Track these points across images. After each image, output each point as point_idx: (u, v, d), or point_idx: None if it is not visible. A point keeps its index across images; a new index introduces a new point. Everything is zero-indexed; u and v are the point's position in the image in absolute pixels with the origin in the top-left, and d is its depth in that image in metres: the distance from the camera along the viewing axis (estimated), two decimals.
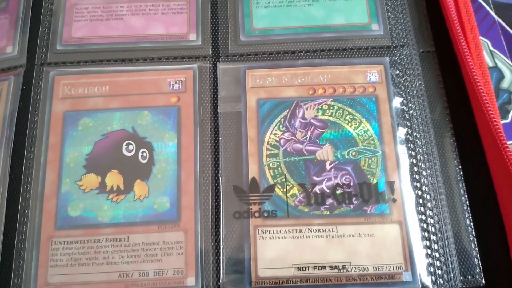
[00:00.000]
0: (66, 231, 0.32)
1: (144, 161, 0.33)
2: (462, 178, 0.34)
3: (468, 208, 0.33)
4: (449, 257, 0.32)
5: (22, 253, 0.32)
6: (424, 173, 0.33)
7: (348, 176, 0.33)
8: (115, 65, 0.36)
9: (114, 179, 0.33)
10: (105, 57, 0.36)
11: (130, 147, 0.34)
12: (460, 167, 0.34)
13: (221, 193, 0.32)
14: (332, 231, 0.31)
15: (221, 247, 0.31)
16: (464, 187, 0.34)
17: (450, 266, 0.31)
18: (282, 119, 0.34)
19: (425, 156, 0.34)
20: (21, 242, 0.32)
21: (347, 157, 0.33)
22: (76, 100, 0.35)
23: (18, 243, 0.32)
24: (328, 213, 0.32)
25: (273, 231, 0.31)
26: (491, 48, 0.43)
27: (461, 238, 0.33)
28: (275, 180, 0.33)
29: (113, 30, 0.37)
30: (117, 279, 0.31)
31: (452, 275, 0.31)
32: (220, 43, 0.37)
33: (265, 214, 0.32)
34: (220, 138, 0.34)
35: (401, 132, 0.34)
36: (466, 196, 0.33)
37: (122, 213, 0.32)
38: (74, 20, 0.37)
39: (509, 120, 0.40)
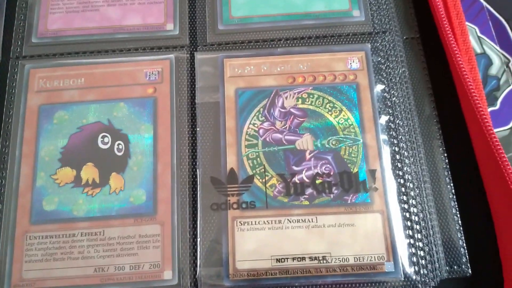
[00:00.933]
0: (41, 226, 0.31)
1: (120, 154, 0.33)
2: (448, 166, 0.33)
3: (454, 197, 0.32)
4: (434, 246, 0.31)
5: None
6: (407, 161, 0.32)
7: (328, 165, 0.32)
8: (91, 57, 0.35)
9: (89, 172, 0.32)
10: (81, 49, 0.36)
11: (106, 139, 0.33)
12: (445, 155, 0.33)
13: (198, 185, 0.32)
14: (312, 221, 0.30)
15: (199, 239, 0.30)
16: (450, 175, 0.33)
17: (436, 256, 0.30)
18: (261, 109, 0.33)
19: (408, 144, 0.33)
20: None
21: (327, 146, 0.32)
22: (52, 93, 0.34)
23: None
24: (308, 203, 0.31)
25: (251, 222, 0.31)
26: (479, 34, 0.42)
27: (447, 227, 0.32)
28: (254, 171, 0.32)
29: (89, 22, 0.36)
30: (93, 273, 0.30)
31: (437, 265, 0.30)
32: (198, 32, 0.36)
33: (244, 206, 0.31)
34: (198, 129, 0.33)
35: (383, 119, 0.33)
36: (451, 184, 0.33)
37: (98, 206, 0.32)
38: (50, 13, 0.37)
39: (497, 107, 0.39)
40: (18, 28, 0.37)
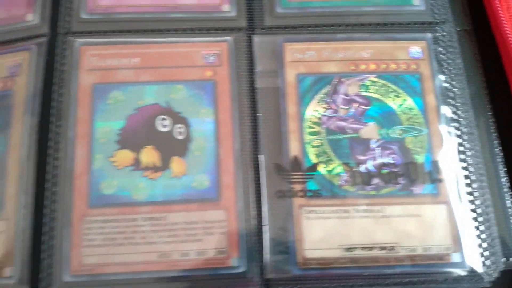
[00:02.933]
0: (100, 210, 0.30)
1: (181, 137, 0.32)
2: (503, 160, 0.33)
3: (509, 190, 0.33)
4: (493, 238, 0.31)
5: (53, 233, 0.30)
6: (469, 153, 0.32)
7: (393, 155, 0.32)
8: (145, 36, 0.34)
9: (149, 155, 0.31)
10: (134, 27, 0.34)
11: (165, 122, 0.32)
12: (500, 148, 0.34)
13: (262, 172, 0.31)
14: (379, 211, 0.30)
15: (265, 226, 0.30)
16: (505, 169, 0.33)
17: (495, 248, 0.31)
18: (323, 95, 0.33)
19: (469, 136, 0.33)
20: (51, 221, 0.30)
21: (392, 135, 0.32)
22: (105, 71, 0.33)
23: (49, 222, 0.30)
24: (375, 192, 0.31)
25: (318, 211, 0.30)
26: None
27: (503, 219, 0.32)
28: (319, 159, 0.31)
29: (142, 0, 0.35)
30: (156, 259, 0.29)
31: (495, 257, 0.31)
32: (255, 15, 0.35)
33: (309, 194, 0.31)
34: (259, 114, 0.32)
35: (446, 110, 0.33)
36: (507, 177, 0.33)
37: (159, 191, 0.31)
38: None
39: None
40: (66, 3, 0.35)
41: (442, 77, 0.34)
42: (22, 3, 0.35)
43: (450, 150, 0.32)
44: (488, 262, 0.30)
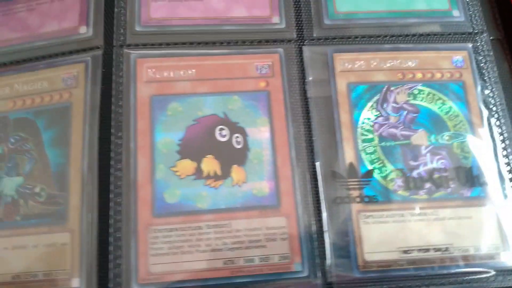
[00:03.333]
0: (165, 219, 0.31)
1: (239, 146, 0.33)
2: None
3: None
4: None
5: (119, 243, 0.30)
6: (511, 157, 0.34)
7: (443, 160, 0.33)
8: (199, 48, 0.35)
9: (210, 164, 0.32)
10: (188, 39, 0.35)
11: (224, 132, 0.33)
12: None
13: (319, 178, 0.32)
14: (432, 214, 0.32)
15: (325, 232, 0.31)
16: None
17: None
18: (374, 104, 0.34)
19: (510, 142, 0.35)
20: (117, 231, 0.31)
21: (440, 141, 0.33)
22: (162, 83, 0.34)
23: (114, 232, 0.31)
24: (427, 197, 0.32)
25: (375, 215, 0.31)
26: None
27: None
28: (373, 165, 0.33)
29: (194, 12, 0.35)
30: (222, 266, 0.30)
31: None
32: (304, 26, 0.36)
33: (366, 199, 0.32)
34: (313, 123, 0.33)
35: (489, 117, 0.34)
36: None
37: (222, 199, 0.31)
38: (152, 1, 0.35)
39: None
40: (119, 15, 0.35)
41: (483, 85, 0.35)
42: (75, 16, 0.35)
43: (496, 155, 0.33)
44: None
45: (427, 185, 0.32)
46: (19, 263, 0.31)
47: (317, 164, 0.32)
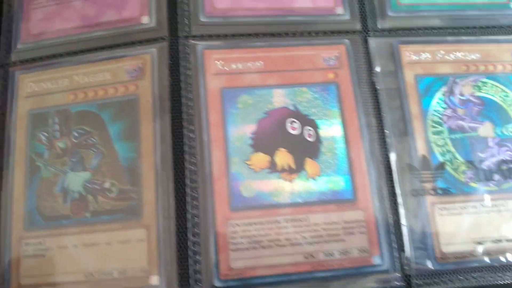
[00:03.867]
0: (243, 213, 0.30)
1: (311, 139, 0.32)
2: None
3: None
4: None
5: (197, 238, 0.30)
6: None
7: (510, 152, 0.33)
8: (265, 40, 0.34)
9: (284, 158, 0.32)
10: (254, 30, 0.34)
11: (295, 125, 0.32)
12: None
13: (393, 171, 0.32)
14: (502, 205, 0.32)
15: (403, 224, 0.31)
16: None
17: None
18: (441, 96, 0.34)
19: None
20: (195, 227, 0.30)
21: (506, 133, 0.34)
22: (231, 76, 0.33)
23: (193, 227, 0.30)
24: (496, 188, 0.32)
25: (450, 207, 0.32)
26: None
27: None
28: (444, 158, 0.33)
29: (259, 2, 0.35)
30: (303, 260, 0.30)
31: None
32: (368, 17, 0.36)
33: (440, 192, 0.32)
34: (384, 114, 0.33)
35: None
36: None
37: (298, 192, 0.31)
38: None
39: None
40: (182, 5, 0.34)
41: None
42: (135, 6, 0.34)
43: None
44: None
45: (496, 176, 0.33)
46: (91, 261, 0.30)
47: (392, 156, 0.32)
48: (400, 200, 0.32)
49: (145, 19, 0.34)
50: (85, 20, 0.34)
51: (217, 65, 0.33)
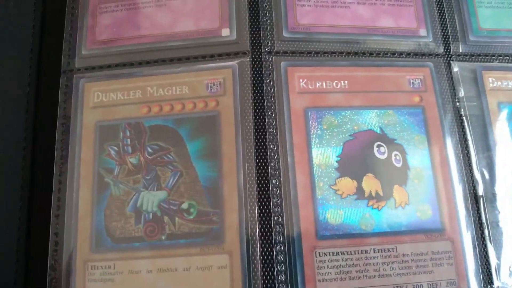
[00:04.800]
0: (330, 241, 0.29)
1: (399, 165, 0.31)
2: None
3: None
4: None
5: (283, 267, 0.28)
6: None
7: None
8: (349, 58, 0.33)
9: (371, 183, 0.30)
10: (337, 48, 0.33)
11: (382, 149, 0.31)
12: None
13: (480, 200, 0.31)
14: None
15: (490, 255, 0.30)
16: None
17: None
18: None
19: None
20: (280, 255, 0.28)
21: None
22: (316, 95, 0.31)
23: (277, 255, 0.28)
24: None
25: None
26: None
27: None
28: None
29: (341, 19, 0.33)
30: None
31: None
32: (451, 41, 0.35)
33: None
34: (469, 142, 0.32)
35: None
36: None
37: (386, 221, 0.30)
38: (297, 5, 0.33)
39: None
40: (264, 18, 0.33)
41: None
42: (214, 16, 0.32)
43: None
44: None
45: None
46: (168, 287, 0.28)
47: (479, 185, 0.31)
48: (486, 231, 0.31)
49: (225, 32, 0.32)
50: (159, 28, 0.33)
51: (301, 84, 0.32)
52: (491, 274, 0.30)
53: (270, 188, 0.29)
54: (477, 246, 0.30)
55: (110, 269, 0.29)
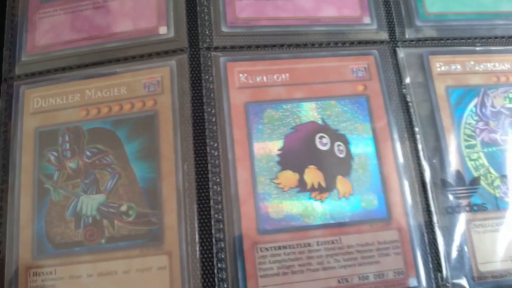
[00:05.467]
0: (272, 236, 0.28)
1: (342, 155, 0.31)
2: None
3: None
4: None
5: (223, 264, 0.28)
6: None
7: None
8: (290, 51, 0.32)
9: (313, 175, 0.30)
10: (278, 41, 0.32)
11: (324, 140, 0.31)
12: None
13: (428, 187, 0.31)
14: None
15: (439, 243, 0.30)
16: None
17: None
18: (473, 108, 0.33)
19: None
20: (220, 252, 0.28)
21: None
22: (256, 89, 0.31)
23: (217, 253, 0.28)
24: None
25: (486, 224, 0.30)
26: None
27: None
28: (478, 172, 0.31)
29: (282, 11, 0.33)
30: (337, 285, 0.28)
31: None
32: (396, 27, 0.34)
33: (475, 208, 0.30)
34: (416, 128, 0.32)
35: None
36: None
37: (329, 213, 0.29)
38: None
39: None
40: (202, 14, 0.32)
41: None
42: (152, 15, 0.32)
43: None
44: None
45: None
46: None
47: (426, 172, 0.31)
48: (435, 218, 0.30)
49: (163, 30, 0.32)
50: (98, 30, 0.32)
51: (241, 79, 0.31)
52: (440, 261, 0.29)
53: (210, 186, 0.29)
54: (425, 234, 0.30)
55: (51, 275, 0.28)
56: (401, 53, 0.33)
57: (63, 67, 0.32)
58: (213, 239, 0.28)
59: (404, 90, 0.33)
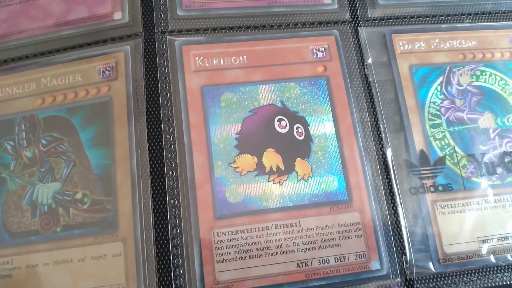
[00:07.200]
0: (229, 220, 0.28)
1: (301, 138, 0.30)
2: None
3: None
4: None
5: (179, 250, 0.27)
6: None
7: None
8: (248, 33, 0.32)
9: (272, 158, 0.29)
10: (236, 23, 0.32)
11: (283, 123, 0.30)
12: None
13: (391, 168, 0.30)
14: (508, 200, 0.30)
15: (402, 225, 0.29)
16: None
17: None
18: (438, 86, 0.32)
19: None
20: (176, 238, 0.27)
21: (507, 124, 0.32)
22: (213, 72, 0.30)
23: (173, 239, 0.27)
24: (500, 182, 0.30)
25: (451, 205, 0.29)
26: None
27: None
28: (443, 152, 0.31)
29: None
30: (296, 269, 0.27)
31: None
32: (358, 6, 0.34)
33: (440, 188, 0.30)
34: (378, 108, 0.31)
35: None
36: None
37: (288, 195, 0.29)
38: None
39: None
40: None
41: None
42: (107, 1, 0.32)
43: None
44: None
45: (499, 169, 0.31)
46: (64, 279, 0.27)
47: (388, 152, 0.30)
48: (398, 199, 0.29)
49: (117, 15, 0.31)
50: (53, 18, 0.32)
51: (197, 62, 0.31)
52: (404, 244, 0.29)
53: (166, 171, 0.28)
54: (388, 216, 0.29)
55: (8, 265, 0.28)
56: (363, 32, 0.33)
57: (19, 56, 0.32)
58: (169, 225, 0.28)
59: (366, 70, 0.32)
